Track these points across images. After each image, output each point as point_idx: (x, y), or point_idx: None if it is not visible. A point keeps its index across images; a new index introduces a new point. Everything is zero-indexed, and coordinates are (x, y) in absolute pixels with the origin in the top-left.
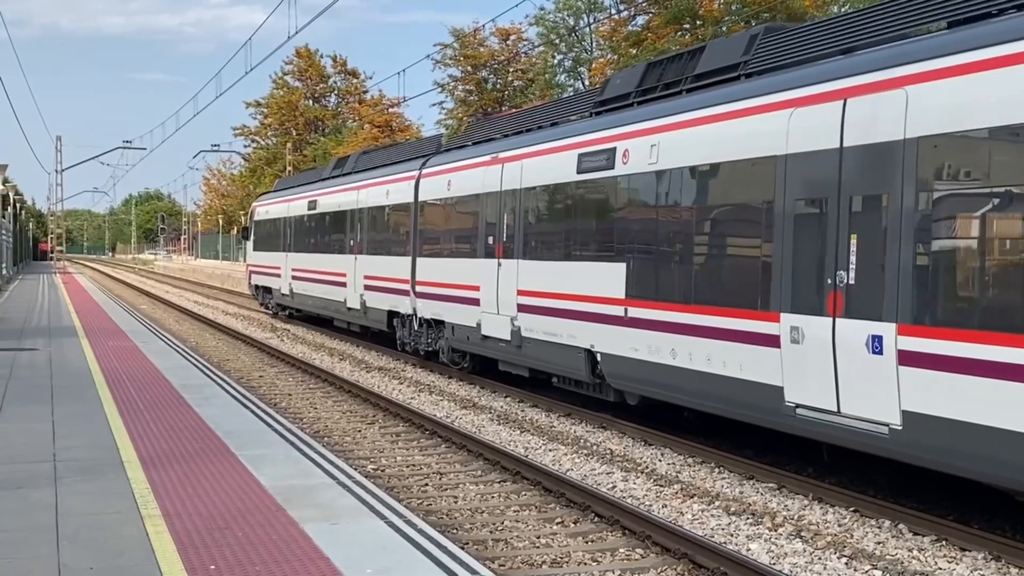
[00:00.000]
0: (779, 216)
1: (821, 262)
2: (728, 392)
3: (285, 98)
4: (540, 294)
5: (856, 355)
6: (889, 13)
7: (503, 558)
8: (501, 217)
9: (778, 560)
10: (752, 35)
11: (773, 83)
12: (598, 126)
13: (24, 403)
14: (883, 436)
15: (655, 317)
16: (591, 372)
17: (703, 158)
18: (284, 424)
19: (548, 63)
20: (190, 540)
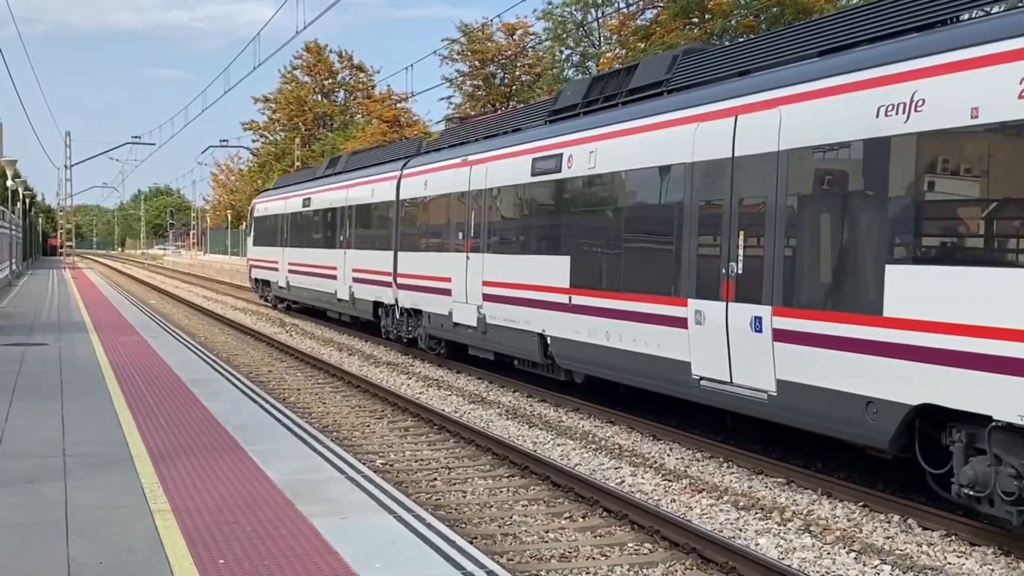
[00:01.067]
0: (688, 215)
1: (717, 254)
2: (650, 368)
3: (294, 93)
4: (502, 284)
5: (743, 334)
6: (777, 41)
7: (512, 552)
8: (469, 215)
9: (787, 555)
10: (674, 56)
11: (685, 100)
12: (549, 133)
13: (34, 398)
14: (763, 401)
15: (593, 304)
16: (543, 354)
17: (630, 164)
18: (293, 419)
19: (556, 58)
20: (199, 534)
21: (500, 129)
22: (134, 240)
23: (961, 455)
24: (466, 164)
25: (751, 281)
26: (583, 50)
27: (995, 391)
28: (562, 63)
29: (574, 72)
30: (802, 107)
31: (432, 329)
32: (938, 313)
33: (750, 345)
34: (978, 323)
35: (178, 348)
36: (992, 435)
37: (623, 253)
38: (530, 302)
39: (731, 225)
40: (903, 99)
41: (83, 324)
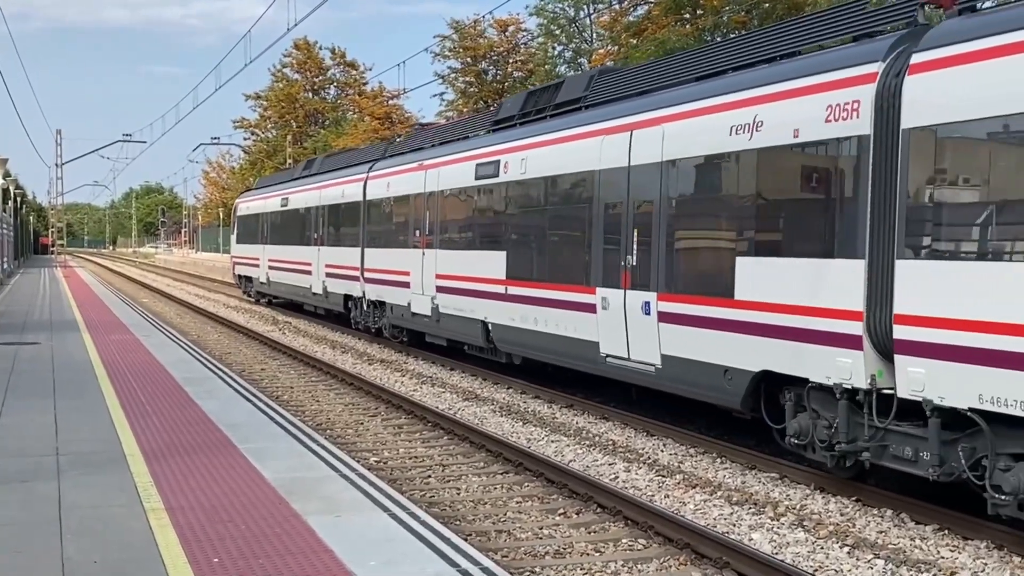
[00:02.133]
0: (596, 215)
1: (617, 249)
2: (569, 348)
3: (285, 90)
4: (451, 277)
5: (637, 316)
6: (670, 65)
7: (506, 549)
8: (425, 214)
9: (780, 549)
10: (591, 75)
11: (596, 115)
12: (490, 142)
13: (26, 397)
14: (652, 374)
15: (524, 293)
16: (486, 339)
17: (553, 170)
18: (286, 417)
19: (548, 54)
20: (193, 533)
21: (452, 136)
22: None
23: (791, 412)
24: (422, 168)
25: (642, 271)
26: (576, 46)
27: (810, 359)
28: (554, 59)
29: (567, 68)
30: (678, 124)
31: (394, 319)
32: (772, 296)
33: (642, 326)
34: (798, 303)
35: (171, 346)
36: (810, 394)
37: (547, 248)
38: (474, 292)
39: (627, 223)
40: (748, 120)
41: (75, 323)
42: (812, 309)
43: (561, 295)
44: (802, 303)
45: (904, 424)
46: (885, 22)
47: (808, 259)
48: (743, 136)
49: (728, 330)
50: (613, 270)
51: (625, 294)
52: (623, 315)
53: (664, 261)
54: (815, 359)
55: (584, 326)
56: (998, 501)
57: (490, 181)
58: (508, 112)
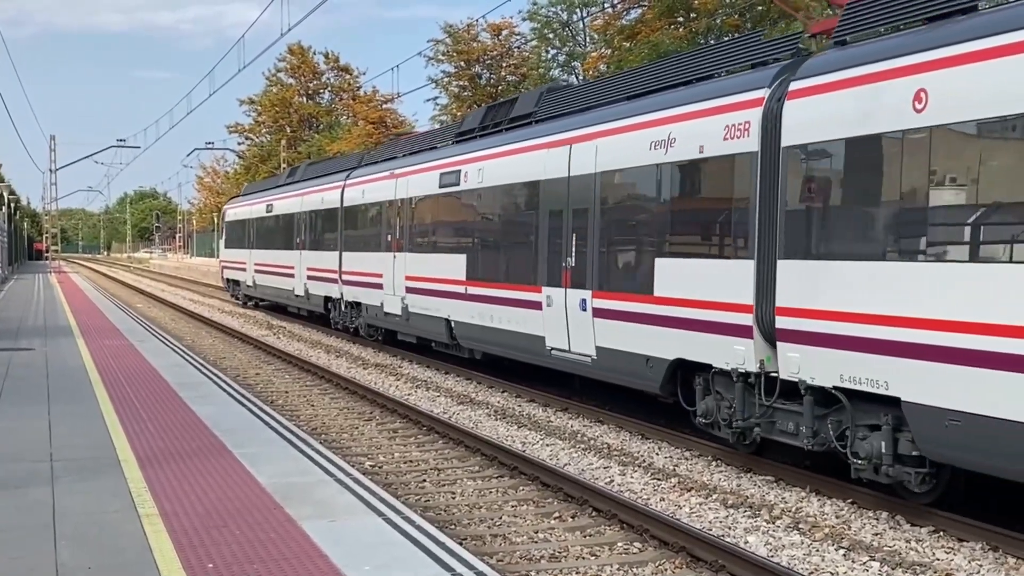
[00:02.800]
0: (542, 221)
1: (559, 251)
2: (520, 343)
3: (279, 95)
4: (419, 279)
5: (575, 312)
6: (607, 85)
7: (501, 553)
8: (396, 220)
9: (776, 552)
10: (540, 92)
11: (542, 130)
12: (452, 153)
13: (20, 403)
14: (589, 364)
15: (481, 292)
16: (450, 336)
17: (506, 179)
18: (281, 421)
19: (541, 58)
20: (188, 539)
21: (420, 147)
22: (120, 244)
23: (700, 395)
24: (393, 176)
25: (580, 271)
26: (569, 50)
27: (713, 347)
28: (548, 63)
29: (560, 72)
30: (609, 140)
31: (369, 319)
32: (685, 293)
33: (580, 321)
34: (704, 299)
35: (165, 352)
36: (714, 378)
37: (501, 251)
38: (438, 293)
39: (567, 228)
40: (664, 137)
41: (69, 328)
42: (715, 304)
43: (513, 294)
44: (707, 298)
45: (787, 402)
46: (778, 51)
47: (712, 260)
48: (660, 151)
49: (649, 323)
50: (556, 271)
51: (566, 292)
52: (564, 311)
53: (598, 262)
54: (717, 347)
55: (532, 322)
56: (858, 466)
57: (452, 189)
58: (469, 125)
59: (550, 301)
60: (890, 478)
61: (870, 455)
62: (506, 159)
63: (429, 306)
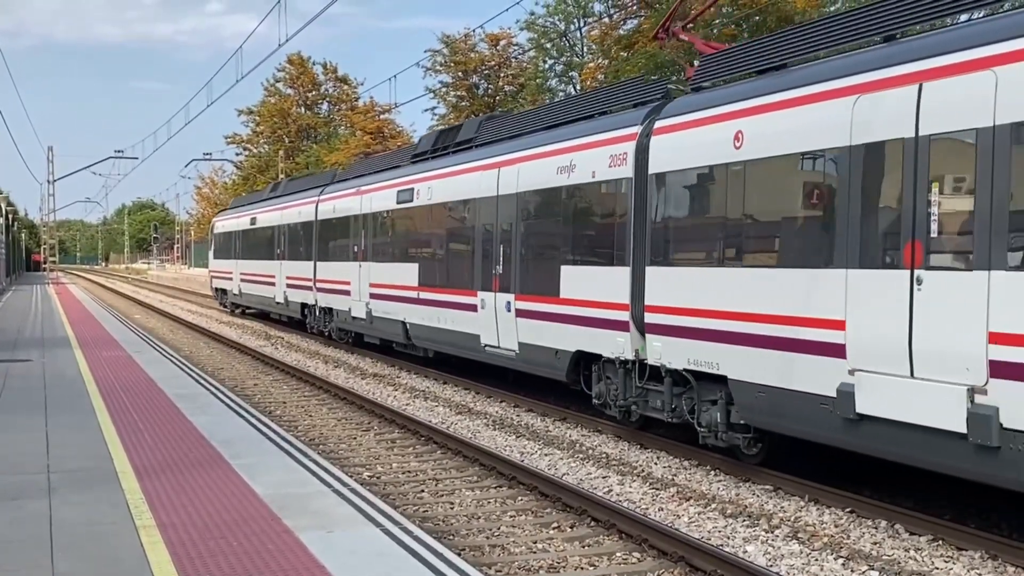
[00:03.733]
0: (476, 234)
1: (490, 260)
2: (461, 341)
3: (277, 106)
4: (380, 286)
5: (503, 313)
6: (531, 116)
7: (500, 563)
8: (361, 232)
9: (775, 562)
10: (480, 121)
11: (479, 154)
12: (408, 172)
13: (18, 414)
14: (513, 357)
15: (430, 297)
16: (406, 336)
17: (450, 197)
18: (279, 432)
19: (539, 68)
20: (185, 550)
21: (383, 166)
22: (118, 255)
23: (595, 380)
24: (359, 193)
25: (505, 277)
26: (567, 60)
27: (603, 340)
28: (545, 73)
29: (558, 82)
30: (528, 164)
31: (339, 323)
32: (582, 295)
33: (506, 320)
34: (596, 299)
35: (163, 363)
36: (604, 366)
37: (446, 260)
38: (396, 298)
39: (496, 240)
40: (567, 164)
41: (67, 339)
42: (603, 304)
43: (455, 298)
44: (597, 299)
45: (655, 384)
46: (654, 93)
47: (600, 267)
48: (564, 175)
49: (557, 321)
50: (487, 277)
51: (495, 296)
52: (494, 312)
53: (519, 269)
54: (605, 340)
55: (470, 322)
56: (704, 434)
57: (407, 205)
58: (423, 147)
59: (483, 304)
60: (725, 442)
61: (710, 424)
62: (450, 179)
63: (389, 310)
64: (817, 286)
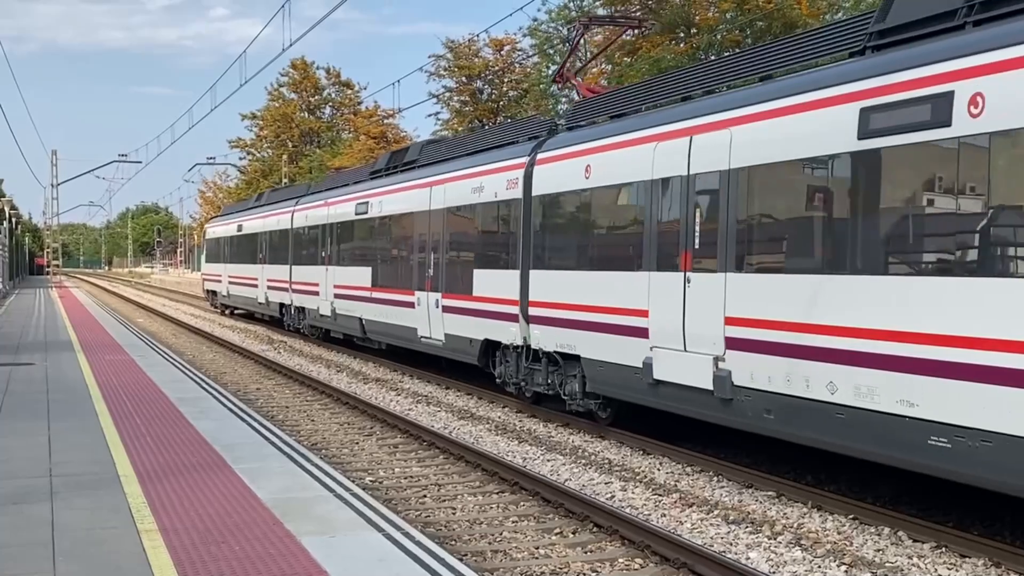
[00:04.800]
0: (415, 242)
1: (424, 264)
2: (404, 333)
3: (280, 110)
4: (342, 287)
5: (433, 309)
6: (455, 144)
7: (502, 569)
8: (327, 240)
9: (778, 568)
10: (422, 144)
11: (418, 174)
12: (364, 187)
13: (20, 418)
14: (440, 346)
15: (380, 296)
16: (362, 331)
17: (396, 210)
18: (281, 437)
19: (543, 73)
20: (187, 555)
21: (347, 181)
22: (121, 258)
23: (499, 362)
24: (326, 204)
25: (436, 279)
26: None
27: (502, 330)
28: (549, 78)
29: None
30: (452, 184)
31: (310, 320)
32: (488, 293)
33: (435, 315)
34: (496, 296)
35: (165, 367)
36: (504, 351)
37: (392, 264)
38: (355, 297)
39: (429, 247)
40: (479, 185)
41: (70, 343)
42: (502, 300)
43: (399, 296)
44: (498, 296)
45: (536, 365)
46: (543, 129)
47: (500, 270)
48: (476, 195)
49: (471, 315)
50: (423, 279)
51: (428, 295)
52: (427, 308)
53: (445, 272)
54: (504, 330)
55: (410, 317)
56: (568, 401)
57: (363, 216)
58: (379, 165)
59: (419, 301)
60: (582, 407)
61: (572, 393)
62: (395, 194)
63: (349, 308)
64: (632, 285)
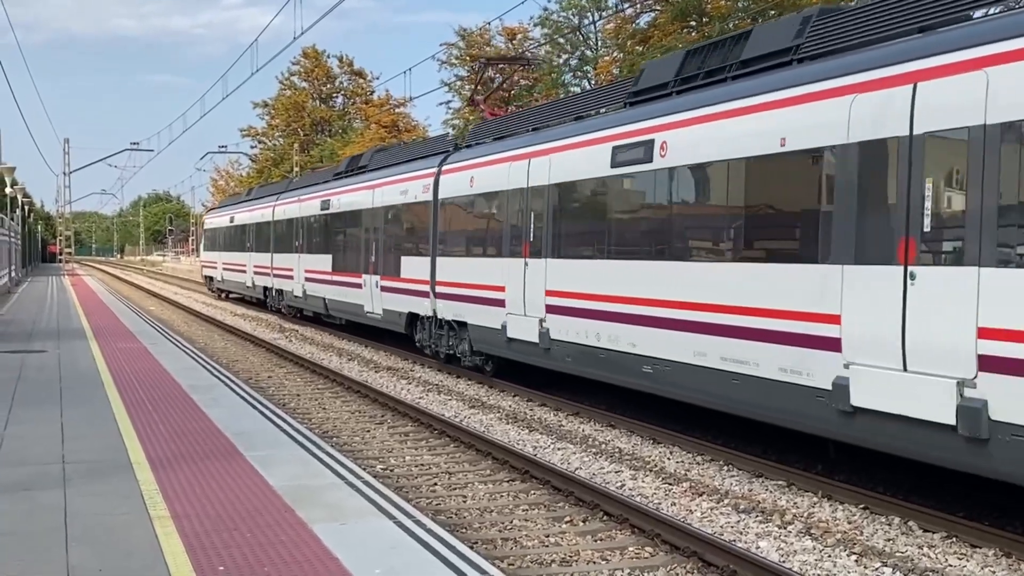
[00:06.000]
0: (361, 233)
1: (369, 252)
2: (355, 309)
3: (292, 99)
4: (311, 271)
5: (375, 289)
6: (400, 150)
7: (512, 557)
8: (299, 231)
9: (787, 558)
10: (373, 152)
11: (365, 178)
12: (329, 187)
13: (33, 405)
14: (379, 318)
15: (338, 279)
16: (325, 309)
17: (349, 207)
18: (293, 425)
19: (554, 63)
20: (199, 541)
21: (316, 180)
22: (133, 246)
23: (417, 331)
24: (299, 201)
25: (376, 264)
26: (581, 53)
27: (420, 304)
28: (560, 68)
29: (572, 77)
30: (387, 187)
31: (287, 301)
32: (413, 275)
33: (376, 294)
34: (417, 278)
35: (177, 354)
36: (422, 321)
37: (347, 252)
38: (319, 280)
39: (372, 238)
40: (406, 188)
41: (82, 331)
42: (419, 280)
43: (351, 279)
44: (418, 277)
45: (442, 331)
46: (450, 146)
47: (418, 257)
48: (403, 196)
49: (400, 293)
50: (367, 264)
51: (371, 277)
52: (370, 288)
53: (382, 258)
54: (421, 304)
55: (359, 296)
56: (463, 360)
57: (326, 211)
58: (341, 168)
59: (365, 282)
60: (471, 363)
61: (464, 353)
62: (350, 194)
63: (316, 290)
64: (495, 267)
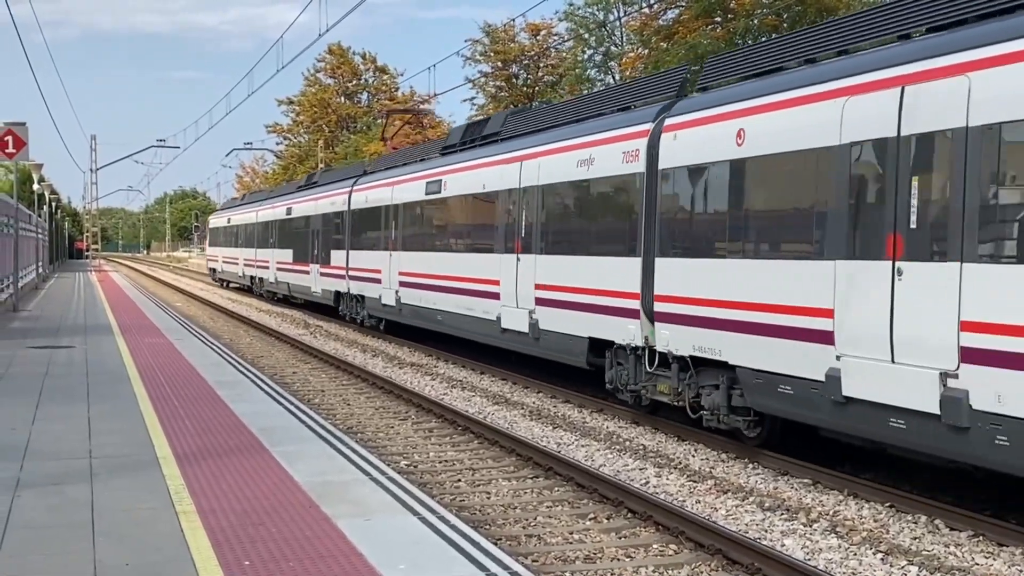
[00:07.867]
0: (311, 233)
1: (321, 247)
2: (306, 292)
3: (317, 95)
4: (281, 262)
5: (317, 275)
6: (339, 172)
7: (536, 554)
8: (273, 231)
9: (813, 555)
10: (323, 170)
11: (314, 191)
12: (290, 198)
13: (60, 401)
14: (319, 296)
15: (296, 268)
16: (288, 292)
17: (304, 213)
18: (318, 420)
19: (578, 58)
20: (224, 536)
21: (284, 192)
22: (159, 243)
23: (361, 308)
24: (273, 207)
25: (319, 256)
26: (606, 49)
27: (372, 288)
28: (584, 63)
29: (596, 72)
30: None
31: (267, 287)
32: (367, 266)
33: (318, 278)
34: (372, 268)
35: (203, 350)
36: (365, 301)
37: (300, 248)
38: (284, 270)
39: (322, 237)
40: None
41: (109, 326)
42: (375, 271)
43: (301, 267)
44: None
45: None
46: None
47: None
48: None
49: (339, 278)
50: (313, 257)
51: (316, 266)
52: (315, 275)
53: (322, 252)
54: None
55: (308, 280)
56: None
57: (290, 216)
58: (304, 183)
59: (311, 270)
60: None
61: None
62: (308, 203)
63: (284, 278)
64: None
